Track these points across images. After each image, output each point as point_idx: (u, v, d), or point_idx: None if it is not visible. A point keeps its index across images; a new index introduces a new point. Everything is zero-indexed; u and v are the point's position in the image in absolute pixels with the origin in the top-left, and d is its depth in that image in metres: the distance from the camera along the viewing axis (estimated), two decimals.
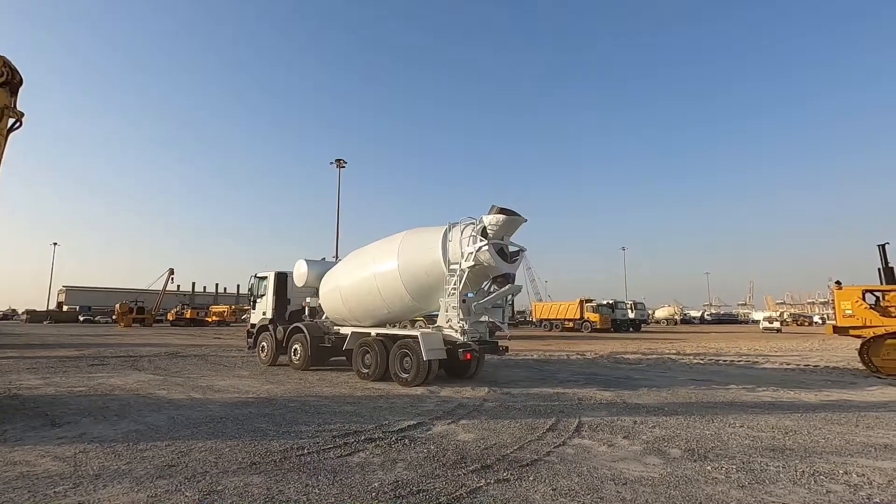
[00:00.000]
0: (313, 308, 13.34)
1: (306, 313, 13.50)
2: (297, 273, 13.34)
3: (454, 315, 9.61)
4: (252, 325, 14.66)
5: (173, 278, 55.01)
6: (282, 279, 14.03)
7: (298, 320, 13.17)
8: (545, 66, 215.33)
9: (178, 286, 74.55)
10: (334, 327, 12.26)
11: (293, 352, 12.56)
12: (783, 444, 5.48)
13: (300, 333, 12.44)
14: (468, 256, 9.33)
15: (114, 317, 53.00)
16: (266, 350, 13.49)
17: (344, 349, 11.45)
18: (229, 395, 8.52)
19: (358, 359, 10.90)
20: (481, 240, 9.26)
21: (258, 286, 14.62)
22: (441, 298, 9.94)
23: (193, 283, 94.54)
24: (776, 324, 48.90)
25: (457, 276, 9.48)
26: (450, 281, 9.62)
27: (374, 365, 10.39)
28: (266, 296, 14.19)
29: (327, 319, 12.75)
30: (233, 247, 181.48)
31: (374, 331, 10.94)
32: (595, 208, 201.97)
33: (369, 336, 10.89)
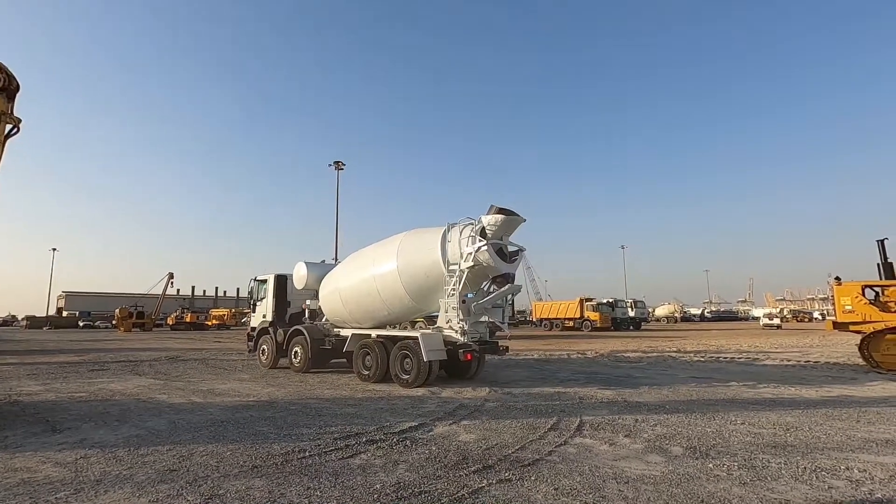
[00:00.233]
0: (313, 310, 13.34)
1: (306, 316, 13.49)
2: (297, 275, 13.34)
3: (454, 316, 9.61)
4: (252, 329, 14.64)
5: (173, 282, 54.93)
6: (281, 282, 14.03)
7: (298, 323, 13.17)
8: (545, 67, 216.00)
9: (178, 290, 74.62)
10: (334, 329, 12.25)
11: (293, 354, 12.55)
12: (784, 441, 5.49)
13: (300, 336, 12.43)
14: (467, 257, 9.33)
15: (113, 322, 52.95)
16: (266, 353, 13.49)
17: (344, 351, 11.45)
18: (230, 399, 8.51)
19: (358, 361, 10.89)
20: (480, 240, 9.26)
21: (258, 289, 14.62)
22: (441, 299, 9.94)
23: (193, 287, 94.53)
24: (776, 320, 49.05)
25: (456, 277, 9.48)
26: (449, 281, 9.62)
27: (375, 366, 10.39)
28: (266, 299, 14.18)
29: (327, 322, 12.74)
30: (232, 250, 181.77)
31: (375, 332, 10.94)
32: (595, 207, 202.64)
33: (370, 338, 10.88)
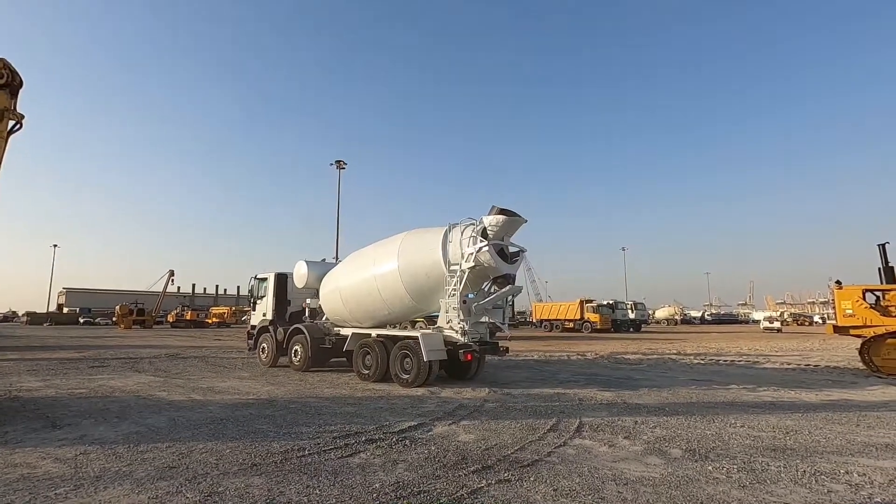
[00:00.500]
0: (313, 309, 13.34)
1: (306, 314, 13.50)
2: (298, 274, 13.34)
3: (454, 316, 9.61)
4: (252, 327, 14.65)
5: (173, 280, 54.95)
6: (282, 280, 14.03)
7: (299, 321, 13.18)
8: (545, 67, 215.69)
9: (179, 288, 74.57)
10: (335, 328, 12.25)
11: (293, 353, 12.55)
12: (784, 444, 5.48)
13: (300, 335, 12.44)
14: (468, 257, 9.33)
15: (114, 319, 52.95)
16: (266, 351, 13.49)
17: (344, 350, 11.46)
18: (230, 397, 8.52)
19: (358, 360, 10.90)
20: (481, 240, 9.27)
21: (258, 287, 14.62)
22: (441, 299, 9.94)
23: (193, 285, 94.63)
24: (776, 324, 48.93)
25: (457, 277, 9.49)
26: (450, 282, 9.63)
27: (375, 366, 10.39)
28: (266, 297, 14.18)
29: (327, 321, 12.75)
30: (233, 248, 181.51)
31: (375, 332, 10.94)
32: (595, 209, 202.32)
33: (370, 337, 10.89)
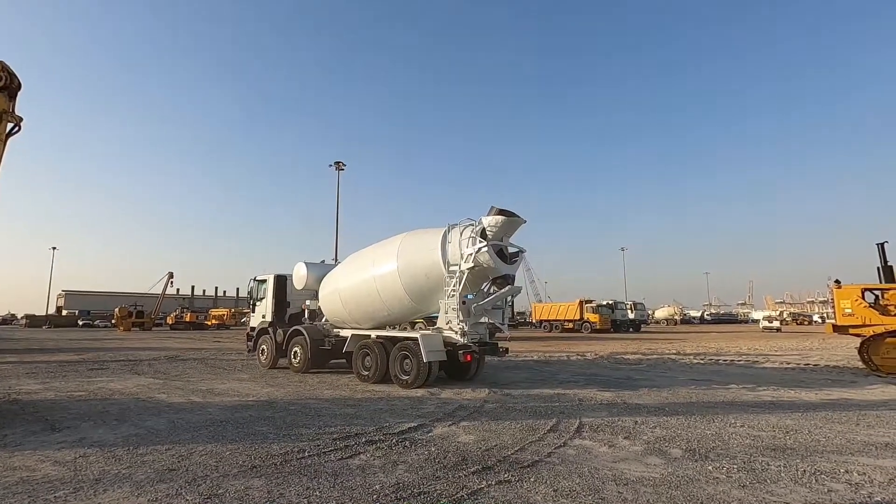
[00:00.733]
0: (313, 311, 13.34)
1: (306, 316, 13.49)
2: (297, 276, 13.33)
3: (454, 317, 9.61)
4: (252, 329, 14.63)
5: (172, 282, 54.87)
6: (281, 282, 14.02)
7: (298, 323, 13.17)
8: (545, 68, 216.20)
9: (178, 290, 74.47)
10: (334, 330, 12.24)
11: (293, 354, 12.54)
12: (784, 444, 5.48)
13: (300, 336, 12.42)
14: (468, 258, 9.33)
15: (113, 321, 52.88)
16: (266, 353, 13.47)
17: (344, 352, 11.44)
18: (229, 399, 8.50)
19: (358, 361, 10.89)
20: (481, 241, 9.27)
21: (257, 289, 14.60)
22: (441, 300, 9.94)
23: (193, 287, 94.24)
24: (776, 323, 49.08)
25: (456, 278, 9.49)
26: (449, 282, 9.62)
27: (375, 367, 10.38)
28: (265, 299, 14.17)
29: (327, 322, 12.74)
30: (232, 249, 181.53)
31: (374, 333, 10.93)
32: (594, 209, 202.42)
33: (369, 338, 10.88)
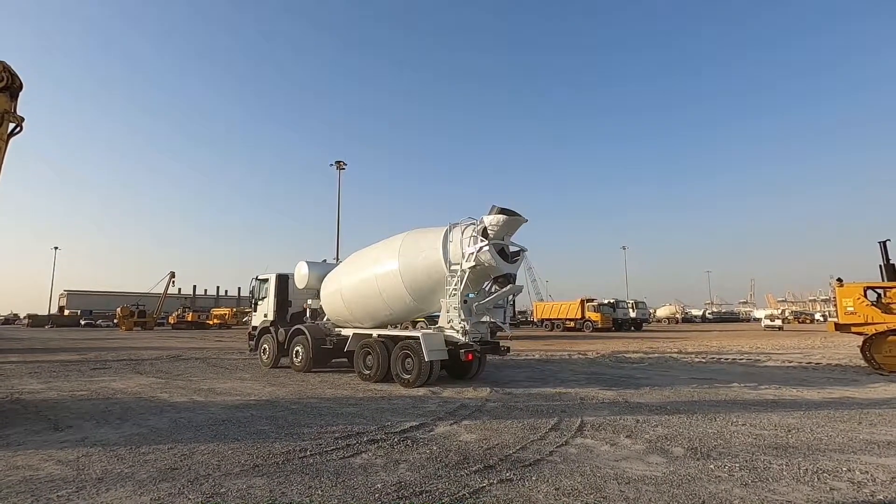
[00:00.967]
0: (314, 310, 13.36)
1: (307, 315, 13.51)
2: (298, 275, 13.35)
3: (455, 315, 9.61)
4: (253, 328, 14.65)
5: (174, 281, 55.09)
6: (283, 281, 14.03)
7: (300, 322, 13.18)
8: (545, 68, 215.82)
9: (180, 289, 74.77)
10: (336, 329, 12.26)
11: (295, 354, 12.55)
12: (786, 442, 5.48)
13: (302, 335, 12.44)
14: (469, 257, 9.33)
15: (115, 320, 53.10)
16: (268, 352, 13.50)
17: (345, 351, 11.46)
18: (231, 398, 8.52)
19: (359, 360, 10.90)
20: (482, 240, 9.26)
21: (259, 289, 14.62)
22: (442, 299, 9.95)
23: (194, 286, 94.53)
24: (778, 321, 48.96)
25: (458, 277, 9.49)
26: (451, 281, 9.63)
27: (376, 366, 10.39)
28: (267, 298, 14.18)
29: (329, 321, 12.75)
30: (234, 249, 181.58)
31: (376, 332, 10.94)
32: (595, 208, 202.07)
33: (371, 337, 10.89)
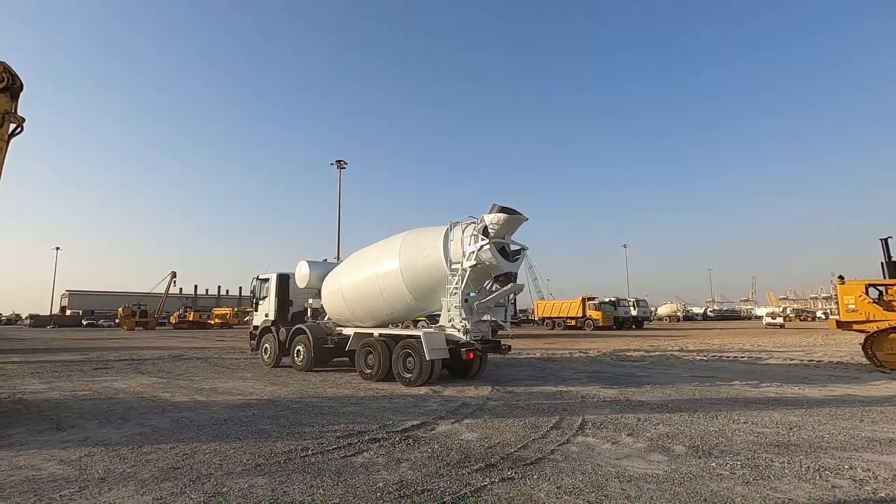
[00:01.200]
0: (315, 309, 13.36)
1: (308, 314, 13.51)
2: (299, 274, 13.35)
3: (456, 314, 9.61)
4: (255, 327, 14.65)
5: (175, 281, 55.23)
6: (284, 281, 14.03)
7: (301, 322, 13.19)
8: (545, 68, 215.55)
9: (181, 289, 74.83)
10: (337, 328, 12.26)
11: (296, 353, 12.56)
12: (788, 440, 5.47)
13: (303, 335, 12.45)
14: (470, 256, 9.32)
15: (117, 320, 53.14)
16: (269, 352, 13.50)
17: (347, 350, 11.46)
18: (233, 398, 8.53)
19: (361, 359, 10.90)
20: (483, 239, 9.26)
21: (260, 288, 14.62)
22: (443, 298, 9.94)
23: (196, 286, 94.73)
24: (779, 319, 48.89)
25: (458, 276, 9.48)
26: (451, 280, 9.62)
27: (377, 365, 10.40)
28: (268, 298, 14.18)
29: (330, 320, 12.76)
30: (234, 249, 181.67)
31: (377, 331, 10.95)
32: (596, 208, 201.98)
33: (372, 336, 10.89)
